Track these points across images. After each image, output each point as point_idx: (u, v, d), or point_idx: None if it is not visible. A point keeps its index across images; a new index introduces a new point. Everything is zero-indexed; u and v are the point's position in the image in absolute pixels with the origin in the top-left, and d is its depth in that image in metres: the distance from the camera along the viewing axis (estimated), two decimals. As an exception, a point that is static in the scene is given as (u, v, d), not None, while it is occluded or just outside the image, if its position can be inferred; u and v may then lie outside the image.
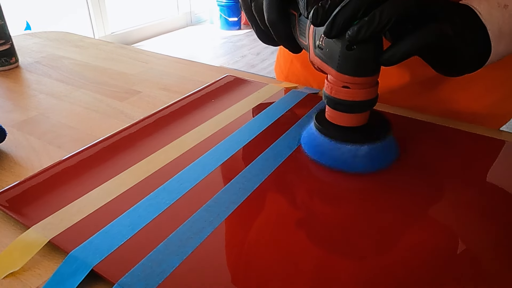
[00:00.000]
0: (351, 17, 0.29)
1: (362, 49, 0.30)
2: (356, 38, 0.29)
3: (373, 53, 0.31)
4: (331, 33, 0.30)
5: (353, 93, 0.33)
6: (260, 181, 0.34)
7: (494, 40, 0.34)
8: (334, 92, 0.33)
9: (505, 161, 0.37)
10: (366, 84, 0.32)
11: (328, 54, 0.32)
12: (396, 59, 0.31)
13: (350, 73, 0.32)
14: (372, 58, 0.31)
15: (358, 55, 0.31)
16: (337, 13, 0.29)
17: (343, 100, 0.33)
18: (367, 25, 0.29)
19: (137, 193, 0.33)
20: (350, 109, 0.34)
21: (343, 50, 0.31)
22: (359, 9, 0.29)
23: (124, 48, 0.74)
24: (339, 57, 0.31)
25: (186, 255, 0.27)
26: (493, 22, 0.34)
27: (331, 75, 0.33)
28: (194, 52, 3.06)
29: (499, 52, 0.35)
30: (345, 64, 0.31)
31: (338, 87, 0.33)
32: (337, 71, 0.32)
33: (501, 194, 0.33)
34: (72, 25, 2.77)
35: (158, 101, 0.52)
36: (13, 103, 0.52)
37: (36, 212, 0.31)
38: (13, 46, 0.63)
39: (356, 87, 0.32)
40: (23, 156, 0.40)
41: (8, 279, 0.27)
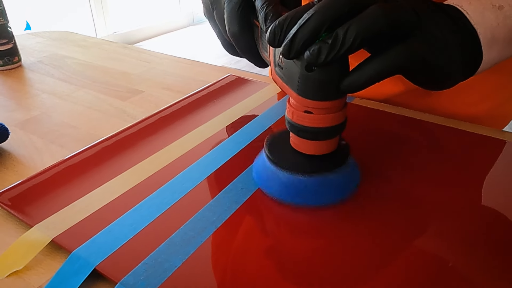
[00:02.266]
0: (311, 36, 0.25)
1: (324, 71, 0.27)
2: (316, 62, 0.25)
3: (336, 74, 0.27)
4: (290, 55, 0.26)
5: (317, 119, 0.29)
6: (262, 181, 0.34)
7: (486, 46, 0.30)
8: (296, 118, 0.29)
9: (507, 161, 0.37)
10: (331, 109, 0.28)
11: (288, 75, 0.29)
12: (358, 86, 0.27)
13: (311, 97, 0.28)
14: (336, 80, 0.27)
15: (319, 77, 0.27)
16: (295, 32, 0.25)
17: (306, 126, 0.29)
18: (329, 47, 0.25)
19: (140, 193, 0.33)
20: (314, 136, 0.30)
21: (303, 71, 0.27)
22: (320, 27, 0.25)
23: (127, 47, 0.74)
24: (298, 78, 0.27)
25: (188, 254, 0.27)
26: (485, 25, 0.30)
27: (292, 98, 0.29)
28: (196, 52, 3.06)
29: (491, 59, 0.32)
30: (305, 86, 0.27)
31: (300, 111, 0.29)
32: (297, 94, 0.28)
33: (502, 194, 0.33)
34: (73, 25, 2.77)
35: (160, 100, 0.52)
36: (15, 102, 0.52)
37: (38, 211, 0.32)
38: (16, 45, 0.63)
39: (319, 112, 0.28)
40: (26, 155, 0.40)
41: (11, 278, 0.27)
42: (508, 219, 0.30)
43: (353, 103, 0.48)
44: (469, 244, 0.28)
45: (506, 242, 0.28)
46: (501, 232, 0.29)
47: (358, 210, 0.31)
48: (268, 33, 0.27)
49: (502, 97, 0.50)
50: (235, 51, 0.37)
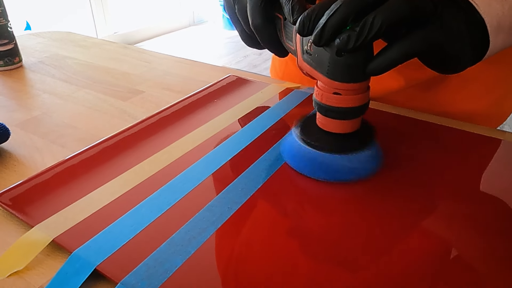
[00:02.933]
0: (340, 25, 0.28)
1: (352, 56, 0.30)
2: (346, 48, 0.28)
3: (363, 59, 0.30)
4: (320, 42, 0.29)
5: (345, 100, 0.32)
6: (262, 181, 0.34)
7: (492, 33, 0.33)
8: (325, 99, 0.32)
9: (503, 160, 0.37)
10: (358, 90, 0.32)
11: (317, 60, 0.32)
12: (382, 69, 0.30)
13: (340, 79, 0.31)
14: (363, 64, 0.30)
15: (348, 62, 0.30)
16: (325, 22, 0.28)
17: (334, 107, 0.32)
18: (357, 34, 0.28)
19: (140, 193, 0.33)
20: (342, 116, 0.33)
21: (333, 56, 0.30)
22: (348, 16, 0.28)
23: (127, 48, 0.74)
24: (328, 63, 0.30)
25: (189, 254, 0.27)
26: (492, 14, 0.32)
27: (321, 81, 0.32)
28: (196, 52, 3.07)
29: (497, 45, 0.34)
30: (335, 70, 0.31)
31: (329, 93, 0.32)
32: (327, 77, 0.31)
33: (498, 193, 0.33)
34: (73, 25, 2.78)
35: (161, 101, 0.52)
36: (16, 102, 0.52)
37: (39, 211, 0.32)
38: (16, 45, 0.63)
39: (347, 93, 0.31)
40: (27, 155, 0.41)
41: (12, 278, 0.27)
42: (504, 218, 0.30)
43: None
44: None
45: (502, 244, 0.28)
46: (497, 232, 0.29)
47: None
48: (298, 23, 0.30)
49: (498, 94, 0.50)
50: (255, 42, 0.39)
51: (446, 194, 0.33)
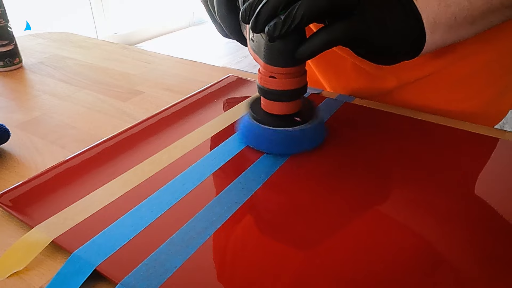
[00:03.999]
0: (271, 13, 0.31)
1: (283, 42, 0.33)
2: (273, 34, 0.31)
3: (292, 45, 0.33)
4: (256, 29, 0.32)
5: (279, 83, 0.35)
6: (262, 181, 0.34)
7: (428, 29, 0.35)
8: (263, 82, 0.36)
9: (499, 159, 0.37)
10: (291, 74, 0.34)
11: (257, 47, 0.35)
12: (308, 54, 0.32)
13: (274, 64, 0.34)
14: (293, 50, 0.33)
15: (279, 47, 0.33)
16: (259, 10, 0.31)
17: (271, 89, 0.35)
18: (282, 22, 0.30)
19: (140, 193, 0.33)
20: (278, 97, 0.36)
21: (267, 42, 0.33)
22: (278, 5, 0.31)
23: (127, 48, 0.74)
24: (264, 49, 0.34)
25: (188, 255, 0.27)
26: (428, 11, 0.35)
27: (260, 66, 0.35)
28: (196, 52, 3.07)
29: (435, 41, 0.36)
30: (269, 55, 0.34)
31: (266, 77, 0.35)
32: (264, 62, 0.34)
33: (496, 193, 0.33)
34: (74, 25, 2.78)
35: (161, 101, 0.52)
36: (16, 103, 0.52)
37: (39, 212, 0.32)
38: (16, 46, 0.63)
39: (281, 77, 0.34)
40: (27, 156, 0.41)
41: (12, 279, 0.27)
42: (501, 217, 0.30)
43: (353, 103, 0.48)
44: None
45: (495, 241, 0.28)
46: (494, 232, 0.29)
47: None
48: (240, 12, 0.33)
49: (495, 93, 0.50)
50: (225, 32, 0.41)
51: (439, 192, 0.33)
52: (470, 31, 0.38)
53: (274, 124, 0.37)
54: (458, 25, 0.36)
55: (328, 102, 0.48)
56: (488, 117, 0.52)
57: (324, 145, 0.40)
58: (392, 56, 0.36)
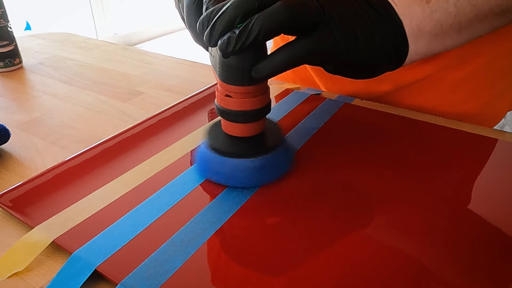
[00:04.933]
0: (226, 27, 0.28)
1: (237, 58, 0.29)
2: (226, 50, 0.28)
3: (249, 62, 0.29)
4: (210, 42, 0.29)
5: (236, 102, 0.31)
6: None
7: (412, 37, 0.32)
8: (219, 101, 0.32)
9: (499, 160, 0.37)
10: (248, 94, 0.31)
11: (214, 62, 0.32)
12: (264, 74, 0.29)
13: (228, 82, 0.30)
14: (248, 67, 0.29)
15: (233, 64, 0.30)
16: (213, 23, 0.28)
17: (227, 109, 0.32)
18: (237, 37, 0.27)
19: (140, 194, 0.33)
20: (235, 118, 0.32)
21: (221, 58, 0.30)
22: (233, 19, 0.28)
23: (127, 49, 0.74)
24: (219, 64, 0.30)
25: (189, 255, 0.27)
26: (411, 17, 0.32)
27: (217, 83, 0.32)
28: (196, 53, 3.06)
29: (419, 50, 0.33)
30: (223, 72, 0.30)
31: (222, 95, 0.32)
32: (219, 78, 0.31)
33: (495, 194, 0.33)
34: (74, 26, 2.78)
35: (161, 102, 0.52)
36: (16, 104, 0.52)
37: (39, 212, 0.32)
38: (17, 47, 0.63)
39: (238, 96, 0.31)
40: (27, 156, 0.41)
41: (12, 279, 0.27)
42: (498, 217, 0.30)
43: (353, 104, 0.48)
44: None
45: (496, 241, 0.28)
46: (495, 231, 0.29)
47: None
48: (198, 22, 0.30)
49: (492, 95, 0.50)
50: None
51: (439, 192, 0.33)
52: (457, 40, 0.36)
53: (232, 151, 0.33)
54: (444, 33, 0.34)
55: (328, 103, 0.48)
56: (485, 119, 0.52)
57: (324, 146, 0.40)
58: (368, 70, 0.33)
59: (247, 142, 0.33)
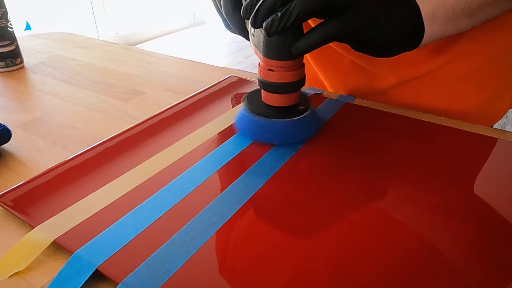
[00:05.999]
0: (269, 10, 0.33)
1: (280, 37, 0.34)
2: (270, 30, 0.33)
3: (289, 40, 0.34)
4: (255, 24, 0.34)
5: (277, 76, 0.36)
6: (263, 181, 0.34)
7: (427, 20, 0.36)
8: (262, 75, 0.37)
9: (498, 159, 0.37)
10: (288, 68, 0.36)
11: (257, 41, 0.36)
12: (303, 49, 0.34)
13: (271, 57, 0.36)
14: (290, 45, 0.34)
15: (276, 42, 0.35)
16: (258, 7, 0.33)
17: (269, 82, 0.37)
18: (279, 19, 0.32)
19: (141, 194, 0.33)
20: (276, 90, 0.38)
21: (266, 37, 0.35)
22: (276, 2, 0.32)
23: (128, 49, 0.74)
24: (263, 43, 0.35)
25: (189, 255, 0.27)
26: (427, 2, 0.35)
27: (260, 59, 0.37)
28: (197, 53, 3.07)
29: (433, 33, 0.37)
30: (267, 49, 0.35)
31: (265, 70, 0.37)
32: (263, 55, 0.36)
33: (495, 193, 0.33)
34: (74, 26, 2.78)
35: (162, 101, 0.52)
36: (18, 103, 0.52)
37: (40, 212, 0.32)
38: (18, 47, 0.63)
39: (279, 70, 0.36)
40: (28, 156, 0.41)
41: (13, 279, 0.27)
42: (499, 217, 0.30)
43: (354, 104, 0.48)
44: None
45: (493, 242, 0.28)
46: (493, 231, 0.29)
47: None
48: (242, 9, 0.35)
49: (493, 91, 0.50)
50: (231, 28, 0.42)
51: (438, 191, 0.33)
52: (468, 23, 0.38)
53: (270, 114, 0.38)
54: (456, 17, 0.37)
55: (329, 103, 0.48)
56: (486, 116, 0.52)
57: (324, 145, 0.40)
58: (388, 49, 0.37)
59: (284, 108, 0.39)
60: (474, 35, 0.44)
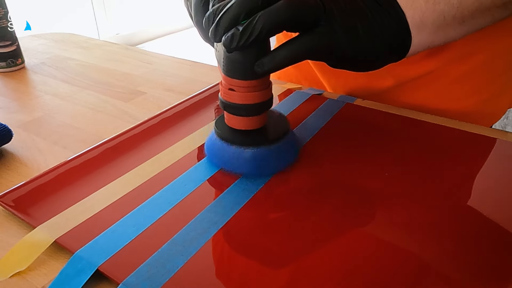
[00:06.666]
0: (231, 23, 0.29)
1: (242, 54, 0.30)
2: (230, 46, 0.29)
3: (252, 58, 0.30)
4: (215, 38, 0.30)
5: (239, 96, 0.32)
6: (264, 181, 0.34)
7: (414, 28, 0.33)
8: (223, 94, 0.34)
9: (498, 160, 0.37)
10: (251, 88, 0.32)
11: (219, 56, 0.33)
12: (267, 69, 0.30)
13: (231, 76, 0.32)
14: (252, 63, 0.31)
15: (236, 58, 0.31)
16: (218, 19, 0.29)
17: (230, 102, 0.33)
18: (240, 34, 0.28)
19: (142, 194, 0.33)
20: (237, 111, 0.33)
21: (226, 52, 0.31)
22: (238, 16, 0.29)
23: (129, 49, 0.74)
24: (223, 59, 0.32)
25: (190, 255, 0.27)
26: (414, 9, 0.32)
27: (222, 77, 0.34)
28: (198, 53, 3.07)
29: (422, 42, 0.34)
30: (227, 66, 0.32)
31: (226, 89, 0.33)
32: (223, 73, 0.32)
33: (495, 194, 0.33)
34: (75, 26, 2.78)
35: (162, 102, 0.52)
36: (19, 104, 0.52)
37: (41, 212, 0.32)
38: (19, 47, 0.64)
39: (241, 90, 0.32)
40: (29, 156, 0.41)
41: (14, 278, 0.27)
42: (499, 217, 0.30)
43: (354, 104, 0.48)
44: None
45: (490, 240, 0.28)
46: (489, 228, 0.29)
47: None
48: (204, 19, 0.31)
49: (492, 91, 0.51)
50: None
51: (437, 191, 0.33)
52: (459, 32, 0.36)
53: (236, 141, 0.34)
54: (447, 25, 0.34)
55: (329, 103, 0.48)
56: (486, 116, 0.52)
57: (324, 145, 0.40)
58: (370, 63, 0.34)
59: (249, 135, 0.35)
60: (473, 36, 0.44)
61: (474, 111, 0.51)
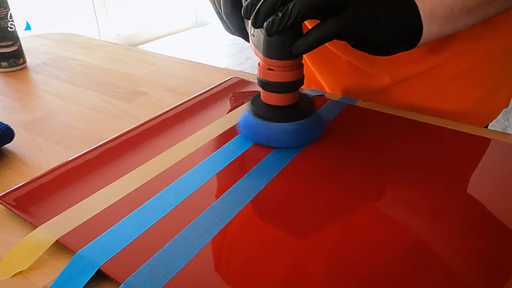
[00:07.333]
0: (270, 10, 0.33)
1: (280, 37, 0.35)
2: (271, 30, 0.33)
3: (289, 40, 0.35)
4: (256, 24, 0.34)
5: (276, 75, 0.37)
6: (266, 182, 0.35)
7: (425, 19, 0.36)
8: (262, 74, 0.38)
9: (492, 159, 0.37)
10: (287, 67, 0.36)
11: (257, 41, 0.37)
12: (303, 48, 0.34)
13: (272, 57, 0.36)
14: (289, 44, 0.35)
15: (276, 41, 0.35)
16: (259, 7, 0.33)
17: (269, 81, 0.37)
18: (280, 19, 0.32)
19: (144, 194, 0.33)
20: (275, 89, 0.38)
21: (266, 37, 0.35)
22: (276, 2, 0.33)
23: (130, 49, 0.74)
24: (263, 43, 0.36)
25: (192, 255, 0.27)
26: (425, 2, 0.35)
27: (260, 59, 0.38)
28: (199, 53, 3.07)
29: (433, 32, 0.37)
30: (267, 49, 0.36)
31: (265, 69, 0.37)
32: (263, 55, 0.36)
33: (492, 195, 0.33)
34: (76, 26, 2.78)
35: (164, 102, 0.52)
36: (20, 103, 0.52)
37: (43, 211, 0.32)
38: (21, 47, 0.64)
39: (278, 69, 0.37)
40: (31, 156, 0.41)
41: (16, 278, 0.27)
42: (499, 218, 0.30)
43: (355, 105, 0.48)
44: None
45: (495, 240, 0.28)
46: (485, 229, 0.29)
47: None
48: (242, 9, 0.35)
49: (487, 91, 0.51)
50: (230, 29, 0.42)
51: (436, 191, 0.33)
52: (467, 22, 0.38)
53: (272, 117, 0.39)
54: (455, 16, 0.37)
55: (331, 104, 0.48)
56: (480, 115, 0.53)
57: (326, 147, 0.40)
58: (387, 48, 0.37)
59: (285, 110, 0.39)
60: (469, 35, 0.44)
61: (470, 110, 0.51)
